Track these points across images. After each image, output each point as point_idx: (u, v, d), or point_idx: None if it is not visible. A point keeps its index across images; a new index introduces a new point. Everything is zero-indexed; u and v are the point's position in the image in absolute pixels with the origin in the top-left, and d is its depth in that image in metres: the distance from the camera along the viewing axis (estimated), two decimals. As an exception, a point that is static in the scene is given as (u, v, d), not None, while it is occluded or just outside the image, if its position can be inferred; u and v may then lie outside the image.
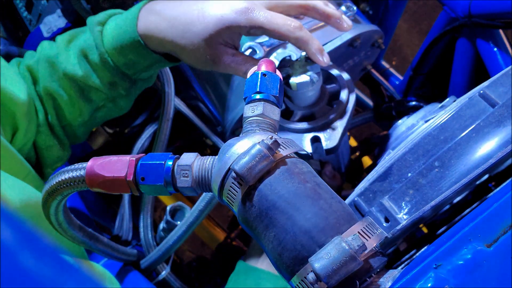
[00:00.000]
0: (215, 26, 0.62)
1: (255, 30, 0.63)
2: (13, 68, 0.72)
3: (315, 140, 0.72)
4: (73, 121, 0.75)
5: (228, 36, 0.64)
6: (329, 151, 0.71)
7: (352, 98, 0.74)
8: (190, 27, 0.63)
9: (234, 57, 0.65)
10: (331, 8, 0.68)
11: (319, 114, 0.75)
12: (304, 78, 0.69)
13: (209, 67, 0.67)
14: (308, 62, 0.71)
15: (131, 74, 0.72)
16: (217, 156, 0.44)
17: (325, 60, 0.67)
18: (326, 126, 0.73)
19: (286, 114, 0.77)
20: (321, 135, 0.72)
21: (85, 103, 0.73)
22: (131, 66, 0.70)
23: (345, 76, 0.77)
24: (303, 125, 0.73)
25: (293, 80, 0.70)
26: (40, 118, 0.72)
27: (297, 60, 0.73)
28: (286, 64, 0.73)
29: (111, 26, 0.69)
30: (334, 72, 0.77)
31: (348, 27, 0.68)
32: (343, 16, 0.68)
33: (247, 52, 0.78)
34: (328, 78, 0.78)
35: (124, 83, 0.72)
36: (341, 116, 0.73)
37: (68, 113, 0.74)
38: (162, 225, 0.82)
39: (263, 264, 0.73)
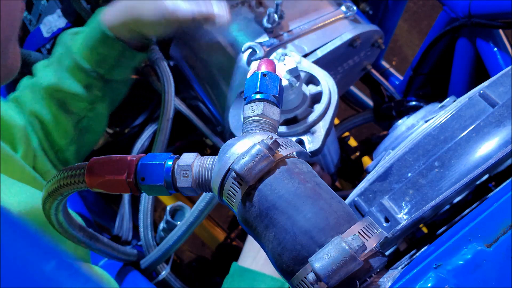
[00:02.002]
0: None
1: None
2: (7, 102, 0.78)
3: (298, 143, 0.72)
4: (61, 141, 0.78)
5: None
6: (313, 153, 0.72)
7: (334, 99, 0.74)
8: None
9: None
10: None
11: (301, 117, 0.75)
12: (283, 82, 0.69)
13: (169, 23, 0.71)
14: (285, 65, 0.71)
15: (104, 73, 0.76)
16: (217, 156, 0.44)
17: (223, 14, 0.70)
18: (308, 128, 0.73)
19: None
20: (304, 138, 0.72)
21: (66, 117, 0.77)
22: (101, 62, 0.74)
23: (327, 77, 0.76)
24: (282, 128, 0.73)
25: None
26: (34, 143, 0.76)
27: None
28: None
29: (81, 32, 0.76)
30: (316, 74, 0.76)
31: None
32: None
33: (247, 52, 0.78)
34: (310, 80, 0.77)
35: (98, 83, 0.76)
36: (322, 117, 0.73)
37: (55, 135, 0.78)
38: (162, 225, 0.82)
39: (258, 265, 0.73)
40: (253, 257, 0.75)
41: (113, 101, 0.82)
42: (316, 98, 0.75)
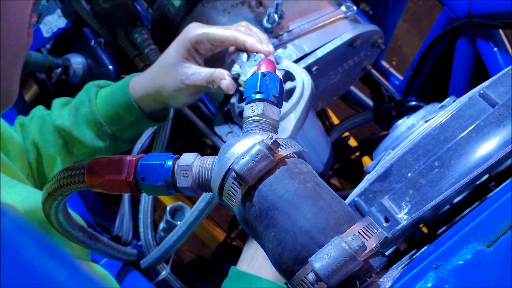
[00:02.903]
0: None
1: (202, 43, 0.72)
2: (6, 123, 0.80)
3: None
4: (49, 176, 0.80)
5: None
6: None
7: (307, 93, 0.73)
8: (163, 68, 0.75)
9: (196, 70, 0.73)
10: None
11: None
12: None
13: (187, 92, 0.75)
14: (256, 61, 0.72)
15: (115, 130, 0.79)
16: (217, 156, 0.44)
17: (269, 48, 0.72)
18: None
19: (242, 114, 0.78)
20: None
21: (65, 156, 0.80)
22: (116, 121, 0.78)
23: (303, 73, 0.76)
24: None
25: (243, 79, 0.71)
26: (31, 162, 0.79)
27: (247, 60, 0.74)
28: (237, 65, 0.74)
29: (107, 88, 0.80)
30: (293, 70, 0.76)
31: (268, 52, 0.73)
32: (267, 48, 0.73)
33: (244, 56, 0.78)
34: (289, 77, 0.77)
35: (106, 138, 0.79)
36: (294, 109, 0.73)
37: (47, 169, 0.80)
38: (162, 225, 0.82)
39: (254, 268, 0.74)
40: (249, 260, 0.76)
41: (114, 153, 0.85)
42: (291, 93, 0.76)
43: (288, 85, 0.76)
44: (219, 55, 0.81)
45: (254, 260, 0.75)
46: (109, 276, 0.64)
